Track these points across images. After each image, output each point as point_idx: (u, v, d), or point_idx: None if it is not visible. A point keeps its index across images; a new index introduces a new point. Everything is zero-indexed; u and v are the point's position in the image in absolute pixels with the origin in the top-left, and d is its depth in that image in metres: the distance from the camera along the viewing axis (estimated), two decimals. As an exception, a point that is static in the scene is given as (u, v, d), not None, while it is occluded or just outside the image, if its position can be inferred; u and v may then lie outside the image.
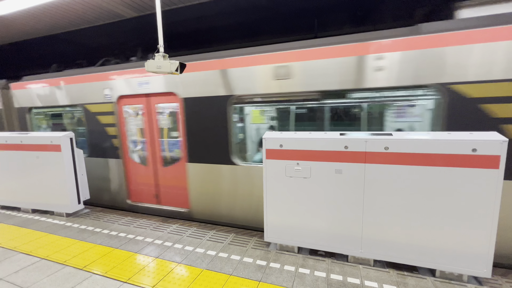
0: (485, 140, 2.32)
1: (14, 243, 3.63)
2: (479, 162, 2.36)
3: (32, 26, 6.16)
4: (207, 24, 6.01)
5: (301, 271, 2.81)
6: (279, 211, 3.17)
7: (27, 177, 4.70)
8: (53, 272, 2.92)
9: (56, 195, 4.54)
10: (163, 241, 3.59)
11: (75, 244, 3.56)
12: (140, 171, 5.16)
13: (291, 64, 3.65)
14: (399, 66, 3.18)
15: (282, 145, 3.02)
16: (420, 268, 2.81)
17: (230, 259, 3.08)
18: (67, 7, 5.11)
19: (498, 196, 2.35)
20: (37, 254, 3.30)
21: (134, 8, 5.05)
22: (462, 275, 2.58)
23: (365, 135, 2.77)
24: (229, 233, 3.79)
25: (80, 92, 5.33)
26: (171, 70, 3.20)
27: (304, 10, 5.47)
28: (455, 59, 2.96)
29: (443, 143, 2.43)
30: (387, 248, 2.77)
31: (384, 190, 2.70)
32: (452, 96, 3.02)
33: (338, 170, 2.85)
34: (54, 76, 5.59)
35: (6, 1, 4.92)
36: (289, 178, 3.06)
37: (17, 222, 4.38)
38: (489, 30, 2.83)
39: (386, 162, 2.65)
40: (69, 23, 5.98)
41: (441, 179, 2.49)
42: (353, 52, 3.34)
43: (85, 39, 7.29)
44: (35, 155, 4.55)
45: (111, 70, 4.96)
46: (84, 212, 4.79)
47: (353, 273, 2.75)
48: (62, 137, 4.33)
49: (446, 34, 2.98)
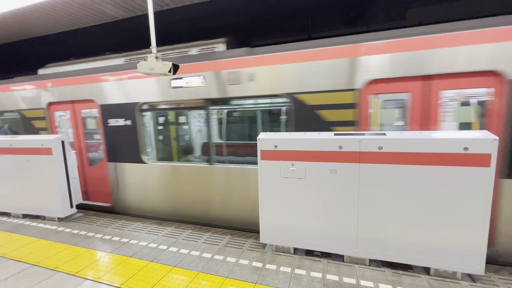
0: (476, 139, 2.35)
1: (3, 249, 3.54)
2: (470, 161, 2.38)
3: (21, 27, 6.04)
4: (201, 24, 5.97)
5: (297, 272, 2.80)
6: (274, 212, 3.16)
7: (18, 181, 4.59)
8: (44, 278, 2.85)
9: (47, 199, 4.45)
10: (158, 244, 3.54)
11: (67, 249, 3.49)
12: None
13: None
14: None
15: (277, 146, 3.02)
16: (415, 267, 2.83)
17: (226, 261, 3.06)
18: (56, 7, 5.02)
19: (490, 194, 2.38)
20: (27, 261, 3.22)
21: (125, 9, 5.00)
22: (456, 273, 2.61)
23: (360, 135, 2.78)
24: (225, 235, 3.76)
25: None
26: (164, 71, 3.17)
27: (298, 11, 5.48)
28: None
29: (436, 142, 2.46)
30: (382, 247, 2.78)
31: (379, 190, 2.71)
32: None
33: (333, 170, 2.85)
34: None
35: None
36: (284, 178, 3.06)
37: (7, 228, 4.27)
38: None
39: (380, 162, 2.67)
40: (59, 24, 5.88)
41: (434, 178, 2.51)
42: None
43: (76, 40, 7.18)
44: (26, 159, 4.45)
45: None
46: (76, 216, 4.71)
47: (349, 273, 2.75)
48: (53, 140, 4.24)
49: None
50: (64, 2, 4.77)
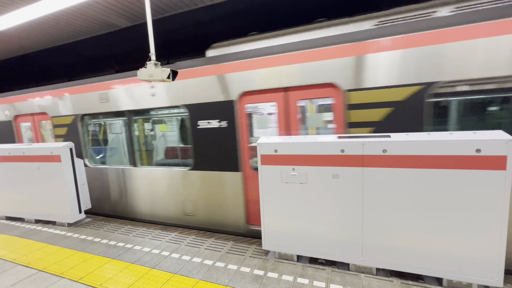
0: (489, 140, 2.17)
1: (14, 255, 3.65)
2: (484, 163, 2.21)
3: (33, 40, 6.31)
4: (204, 29, 6.00)
5: (299, 281, 2.70)
6: (276, 219, 3.07)
7: (30, 188, 4.76)
8: (49, 284, 2.90)
9: (57, 205, 4.57)
10: (161, 250, 3.53)
11: (74, 255, 3.55)
12: None
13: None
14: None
15: (277, 150, 2.94)
16: (426, 277, 2.65)
17: (227, 269, 3.00)
18: (61, 19, 5.20)
19: (507, 199, 2.19)
20: (35, 266, 3.30)
21: (127, 18, 5.10)
22: (471, 284, 2.41)
23: (363, 138, 2.66)
24: (228, 241, 3.71)
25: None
26: (163, 77, 3.17)
27: (299, 14, 5.40)
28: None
29: (444, 144, 2.30)
30: (390, 255, 2.63)
31: (385, 195, 2.57)
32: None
33: (335, 174, 2.74)
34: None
35: (4, 17, 5.05)
36: (285, 184, 2.97)
37: (20, 233, 4.42)
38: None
39: (385, 165, 2.53)
40: (65, 35, 6.09)
41: (444, 182, 2.35)
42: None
43: (83, 50, 7.41)
44: (37, 166, 4.61)
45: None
46: (85, 221, 4.81)
47: (354, 283, 2.62)
48: (62, 147, 4.37)
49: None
50: (67, 14, 4.90)
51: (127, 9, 4.72)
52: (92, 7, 4.64)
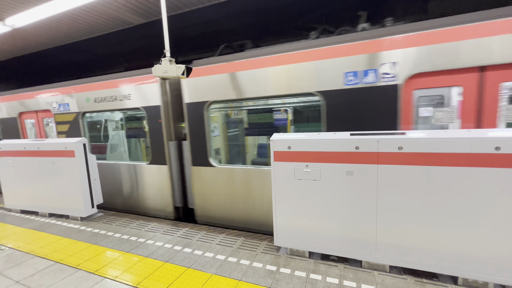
0: (509, 137, 2.15)
1: (31, 246, 3.75)
2: (503, 161, 2.18)
3: (47, 36, 6.41)
4: (215, 27, 6.03)
5: (312, 277, 2.71)
6: (288, 215, 3.09)
7: (44, 182, 4.86)
8: (66, 275, 2.97)
9: (70, 199, 4.67)
10: (173, 245, 3.59)
11: (88, 248, 3.63)
12: None
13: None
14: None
15: (290, 146, 2.95)
16: (440, 275, 2.64)
17: (240, 264, 3.03)
18: (76, 17, 5.28)
19: None
20: (52, 258, 3.38)
21: (141, 15, 5.15)
22: (488, 283, 2.40)
23: (378, 135, 2.65)
24: (239, 237, 3.74)
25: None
26: (178, 74, 3.21)
27: (311, 10, 5.38)
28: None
29: (462, 142, 2.28)
30: (404, 253, 2.62)
31: (399, 192, 2.56)
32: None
33: (349, 172, 2.74)
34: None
35: (21, 14, 5.15)
36: (298, 180, 2.98)
37: (35, 226, 4.53)
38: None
39: (401, 163, 2.52)
40: (81, 33, 6.18)
41: (462, 180, 2.33)
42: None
43: (97, 47, 7.51)
44: (51, 161, 4.71)
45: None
46: (97, 216, 4.90)
47: (367, 280, 2.62)
48: (75, 143, 4.45)
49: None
50: (81, 11, 4.98)
51: (142, 6, 4.77)
52: (108, 4, 4.72)
